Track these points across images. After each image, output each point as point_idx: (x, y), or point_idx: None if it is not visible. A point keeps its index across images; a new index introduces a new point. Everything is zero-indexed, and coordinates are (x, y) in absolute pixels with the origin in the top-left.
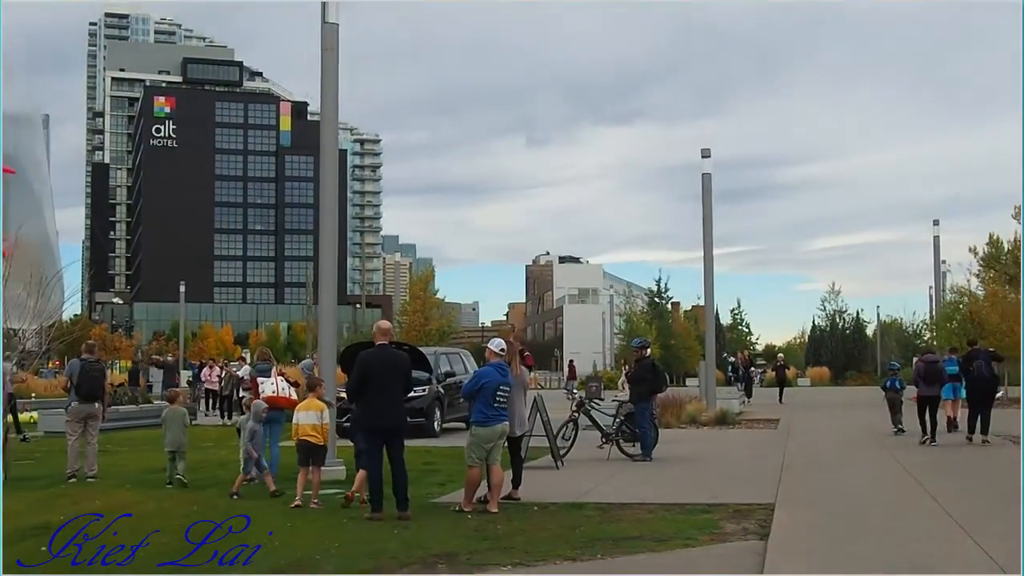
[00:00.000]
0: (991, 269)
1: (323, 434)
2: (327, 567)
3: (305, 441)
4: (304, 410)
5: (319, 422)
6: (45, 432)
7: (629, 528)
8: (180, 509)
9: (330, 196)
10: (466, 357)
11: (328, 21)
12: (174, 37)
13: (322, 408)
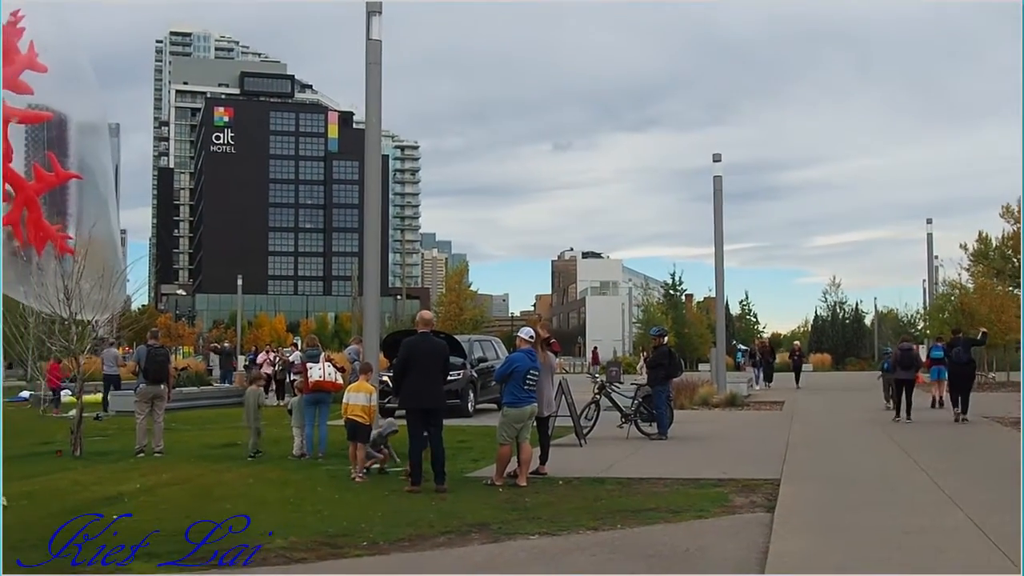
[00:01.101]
0: (980, 264)
1: (370, 414)
2: (371, 533)
3: (352, 420)
4: (355, 391)
5: (367, 403)
6: (116, 412)
7: (646, 501)
8: (238, 480)
9: (374, 197)
10: (497, 344)
11: (372, 38)
12: (232, 53)
13: (371, 391)
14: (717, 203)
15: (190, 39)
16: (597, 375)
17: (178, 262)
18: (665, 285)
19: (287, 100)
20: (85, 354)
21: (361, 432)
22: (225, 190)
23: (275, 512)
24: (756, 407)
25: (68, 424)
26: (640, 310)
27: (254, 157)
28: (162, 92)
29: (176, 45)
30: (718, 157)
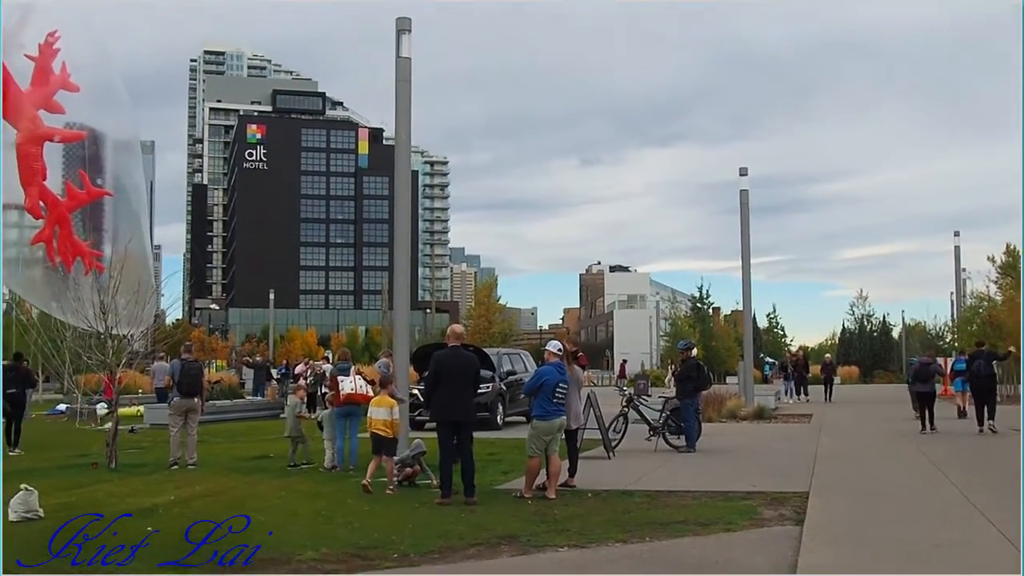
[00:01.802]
0: (1008, 276)
1: (392, 428)
2: (402, 546)
3: (376, 433)
4: (376, 406)
5: (389, 417)
6: (150, 424)
7: (675, 513)
8: (270, 492)
9: (404, 213)
10: (526, 357)
11: (401, 56)
12: (265, 71)
13: (392, 404)
14: (744, 217)
15: (223, 58)
16: (625, 388)
17: (211, 277)
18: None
19: (318, 117)
20: (121, 368)
21: (385, 445)
22: (258, 206)
23: (306, 524)
24: (784, 420)
25: (104, 437)
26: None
27: (286, 173)
28: (196, 110)
29: (210, 64)
30: (744, 171)
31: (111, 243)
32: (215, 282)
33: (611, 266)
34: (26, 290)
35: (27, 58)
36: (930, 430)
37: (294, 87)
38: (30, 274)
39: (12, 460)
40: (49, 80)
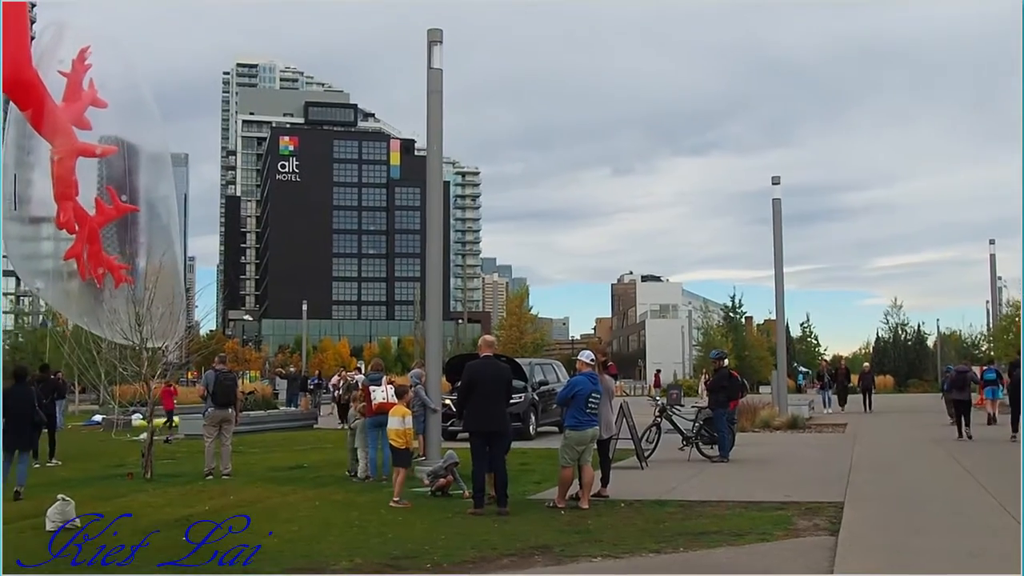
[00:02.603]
0: None
1: (404, 438)
2: (435, 556)
3: (392, 444)
4: (391, 415)
5: (401, 427)
6: (185, 435)
7: (709, 523)
8: (304, 502)
9: (436, 223)
10: (558, 367)
11: (433, 67)
12: (297, 83)
13: (405, 414)
14: (776, 225)
15: (256, 70)
16: (658, 398)
17: (245, 288)
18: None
19: (350, 129)
20: (156, 379)
21: (398, 456)
22: (290, 217)
23: (340, 534)
24: (818, 429)
25: (139, 447)
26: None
27: (318, 185)
28: (229, 122)
29: (242, 76)
30: (777, 180)
31: (145, 256)
32: (248, 293)
33: (643, 276)
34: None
35: (61, 74)
36: (966, 437)
37: (326, 99)
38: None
39: (49, 471)
40: (80, 96)
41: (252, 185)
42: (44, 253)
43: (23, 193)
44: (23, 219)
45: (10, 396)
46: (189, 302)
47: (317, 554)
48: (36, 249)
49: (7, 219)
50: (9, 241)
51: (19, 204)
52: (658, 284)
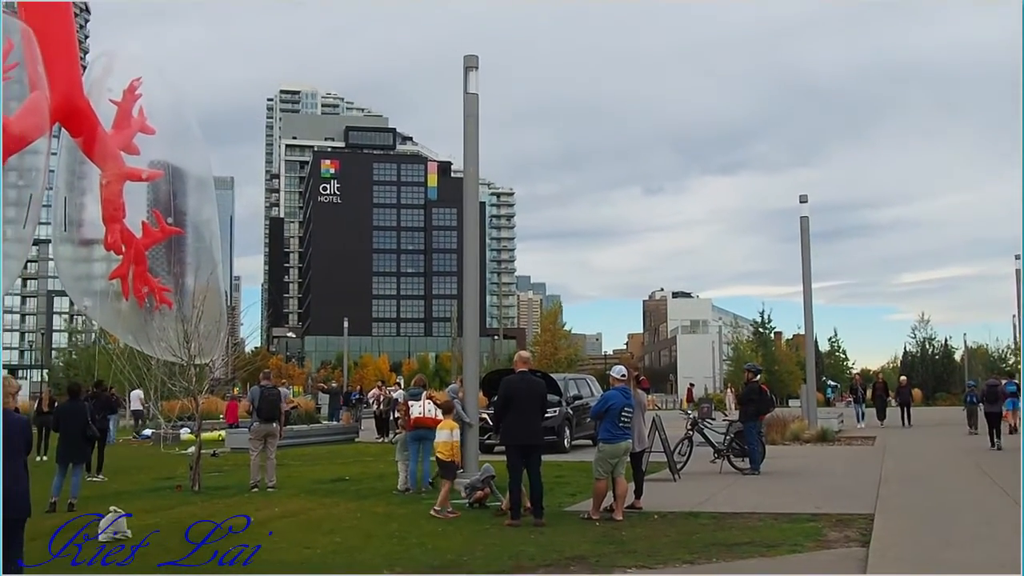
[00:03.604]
0: None
1: (451, 451)
2: (474, 566)
3: (437, 456)
4: (439, 429)
5: (449, 440)
6: (231, 448)
7: (741, 535)
8: (346, 514)
9: (472, 243)
10: (591, 382)
11: (469, 92)
12: (337, 109)
13: (452, 427)
14: (805, 243)
15: (299, 97)
16: (690, 412)
17: (288, 306)
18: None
19: (389, 152)
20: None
21: (445, 468)
22: (332, 237)
23: (382, 545)
24: (847, 442)
25: (187, 460)
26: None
27: (358, 206)
28: (273, 147)
29: (286, 103)
30: (804, 198)
31: (193, 276)
32: (292, 311)
33: (674, 292)
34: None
35: (111, 102)
36: (997, 448)
37: (366, 123)
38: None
39: (99, 484)
40: (130, 123)
41: (295, 207)
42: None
43: (75, 216)
44: (75, 241)
45: (65, 412)
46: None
47: (359, 565)
48: (87, 270)
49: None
50: (61, 262)
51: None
52: (689, 300)
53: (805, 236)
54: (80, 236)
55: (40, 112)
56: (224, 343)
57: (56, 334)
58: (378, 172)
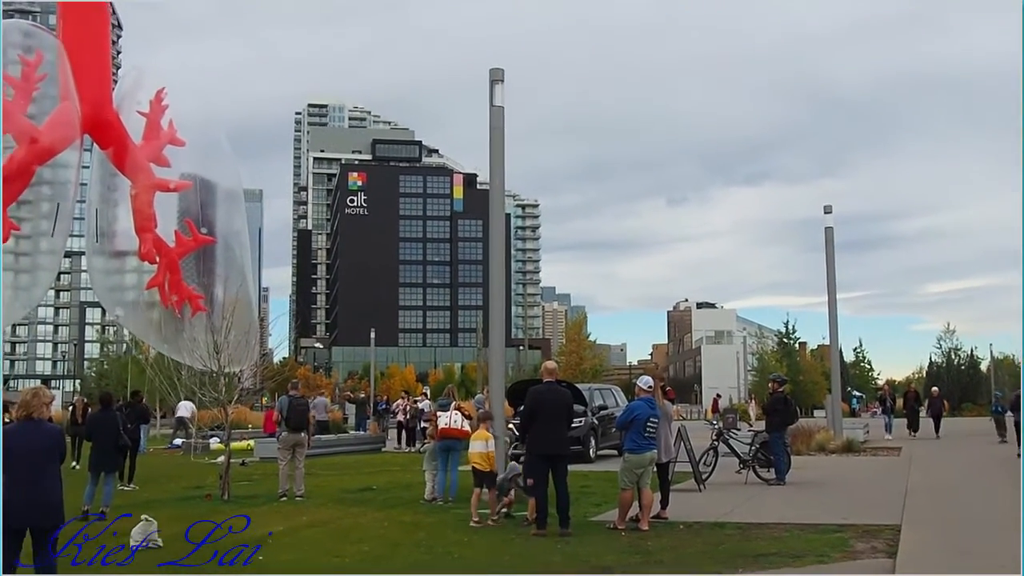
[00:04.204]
0: None
1: (489, 461)
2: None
3: (474, 467)
4: (474, 439)
5: (485, 450)
6: (260, 458)
7: (767, 545)
8: (373, 523)
9: (497, 254)
10: (616, 392)
11: (495, 105)
12: (364, 122)
13: (488, 438)
14: (829, 254)
15: (326, 110)
16: (715, 422)
17: (316, 317)
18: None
19: (415, 164)
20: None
21: (485, 478)
22: (359, 249)
23: (408, 554)
24: (873, 453)
25: (216, 469)
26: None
27: (385, 218)
28: (301, 160)
29: (313, 116)
30: (829, 209)
31: (223, 287)
32: (319, 322)
33: (698, 303)
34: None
35: (140, 115)
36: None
37: (392, 136)
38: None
39: (131, 493)
40: (159, 135)
41: (323, 219)
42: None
43: (107, 228)
44: (107, 253)
45: (97, 421)
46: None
47: (387, 573)
48: (120, 281)
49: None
50: (95, 273)
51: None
52: (713, 311)
53: (830, 247)
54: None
55: (70, 123)
56: (256, 353)
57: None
58: (404, 184)
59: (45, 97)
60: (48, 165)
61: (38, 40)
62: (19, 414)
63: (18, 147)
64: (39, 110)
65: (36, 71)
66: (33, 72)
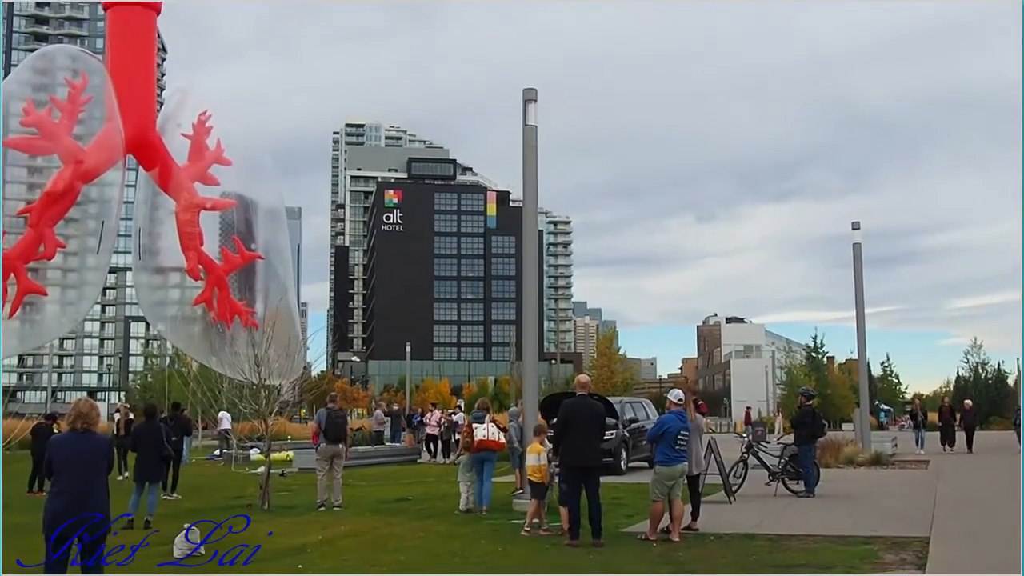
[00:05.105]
0: None
1: (541, 473)
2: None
3: (530, 478)
4: (529, 452)
5: (537, 463)
6: (299, 469)
7: (797, 556)
8: (409, 533)
9: (530, 270)
10: (647, 405)
11: (528, 124)
12: (400, 141)
13: (541, 451)
14: (857, 269)
15: (363, 130)
16: (745, 435)
17: (353, 331)
18: (807, 348)
19: (450, 182)
20: (272, 416)
21: (537, 489)
22: (395, 265)
23: (444, 563)
24: (901, 466)
25: (257, 480)
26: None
27: (420, 235)
28: (338, 178)
29: (351, 135)
30: (857, 225)
31: (263, 302)
32: (356, 336)
33: (727, 317)
34: (187, 345)
35: (184, 136)
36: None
37: (427, 155)
38: (190, 331)
39: (174, 502)
40: (204, 155)
41: (360, 235)
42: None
43: (150, 245)
44: (150, 269)
45: (141, 432)
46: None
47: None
48: (164, 296)
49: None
50: (140, 289)
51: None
52: (742, 325)
53: (858, 263)
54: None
55: (114, 145)
56: (300, 367)
57: (132, 358)
58: (439, 202)
59: (91, 118)
60: (94, 184)
61: (84, 64)
62: (74, 424)
63: (64, 167)
64: (86, 131)
65: (81, 94)
66: (79, 95)
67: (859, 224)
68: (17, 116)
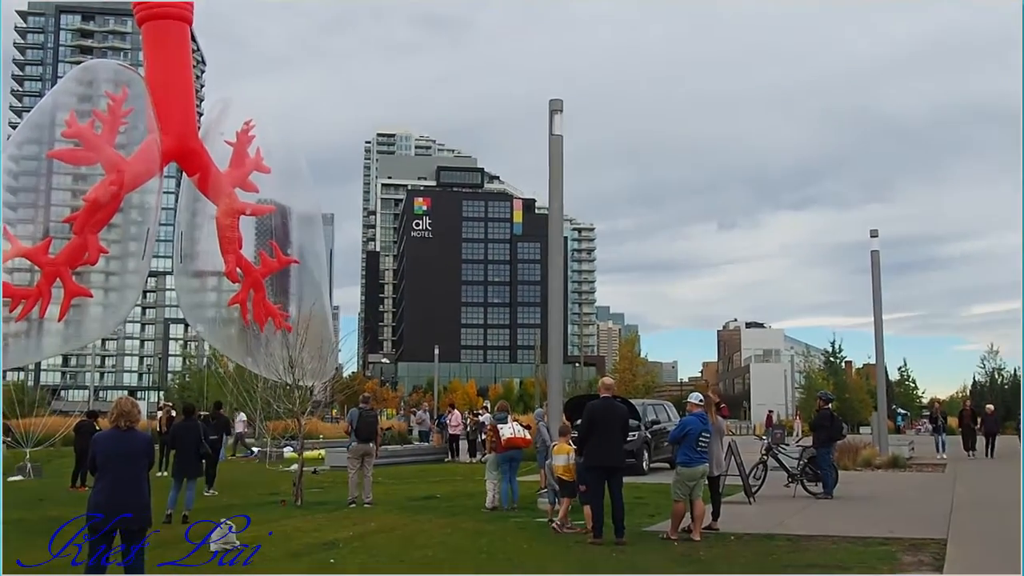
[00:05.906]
0: None
1: (570, 472)
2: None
3: (559, 478)
4: (556, 453)
5: (566, 463)
6: (331, 466)
7: (816, 557)
8: (437, 530)
9: (555, 276)
10: (669, 407)
11: (554, 133)
12: (430, 150)
13: (569, 451)
14: (875, 276)
15: (394, 139)
16: (764, 437)
17: (383, 334)
18: (826, 353)
19: (477, 190)
20: (305, 415)
21: (566, 488)
22: (423, 270)
23: (471, 560)
24: (918, 469)
25: (290, 477)
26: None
27: (449, 241)
28: (370, 186)
29: (382, 145)
30: (875, 233)
31: (297, 305)
32: (386, 339)
33: (747, 323)
34: (225, 347)
35: (226, 144)
36: None
37: (456, 164)
38: (227, 332)
39: (210, 498)
40: (245, 163)
41: (390, 241)
42: (207, 303)
43: (190, 249)
44: (190, 273)
45: (180, 430)
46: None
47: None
48: (202, 299)
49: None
50: (180, 292)
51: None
52: (761, 330)
53: (876, 269)
54: (194, 267)
55: (151, 158)
56: (332, 368)
57: (171, 359)
58: (467, 209)
59: (133, 129)
60: (135, 192)
61: (124, 78)
62: (117, 422)
63: (106, 176)
64: (128, 140)
65: (122, 106)
66: (119, 107)
67: (877, 232)
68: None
